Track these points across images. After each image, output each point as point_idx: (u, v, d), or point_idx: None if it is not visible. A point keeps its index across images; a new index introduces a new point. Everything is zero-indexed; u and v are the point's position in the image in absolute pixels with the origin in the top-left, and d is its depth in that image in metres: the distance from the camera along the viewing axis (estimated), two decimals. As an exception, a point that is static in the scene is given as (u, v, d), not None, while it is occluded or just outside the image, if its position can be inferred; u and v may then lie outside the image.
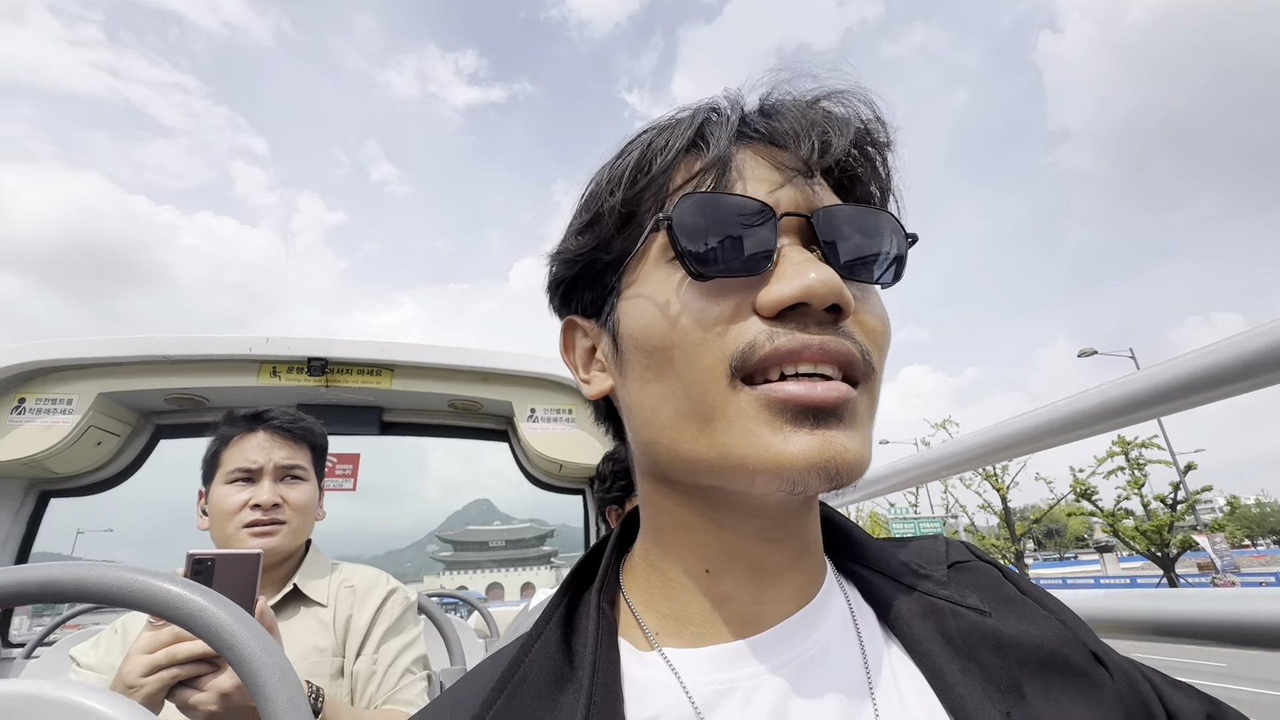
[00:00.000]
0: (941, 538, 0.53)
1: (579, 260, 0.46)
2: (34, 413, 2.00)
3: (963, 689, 0.38)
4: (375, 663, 1.22)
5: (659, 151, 0.42)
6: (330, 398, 2.28)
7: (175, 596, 0.59)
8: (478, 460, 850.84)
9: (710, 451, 0.37)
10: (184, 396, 2.21)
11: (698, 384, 0.37)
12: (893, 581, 0.45)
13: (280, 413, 1.34)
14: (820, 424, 0.36)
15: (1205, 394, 0.61)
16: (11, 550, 2.14)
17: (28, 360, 1.97)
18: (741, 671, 0.40)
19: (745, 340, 0.37)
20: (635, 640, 0.43)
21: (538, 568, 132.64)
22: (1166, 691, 0.42)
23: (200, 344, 2.13)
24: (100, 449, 2.17)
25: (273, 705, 0.55)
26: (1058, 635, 0.42)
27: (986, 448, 0.95)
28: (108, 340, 2.09)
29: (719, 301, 0.38)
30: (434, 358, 2.25)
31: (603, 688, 0.38)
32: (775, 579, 0.42)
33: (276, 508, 1.25)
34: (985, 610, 0.43)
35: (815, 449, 0.35)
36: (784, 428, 0.36)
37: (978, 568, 0.49)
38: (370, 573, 1.38)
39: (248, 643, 0.57)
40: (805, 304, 0.37)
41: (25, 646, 2.12)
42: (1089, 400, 0.74)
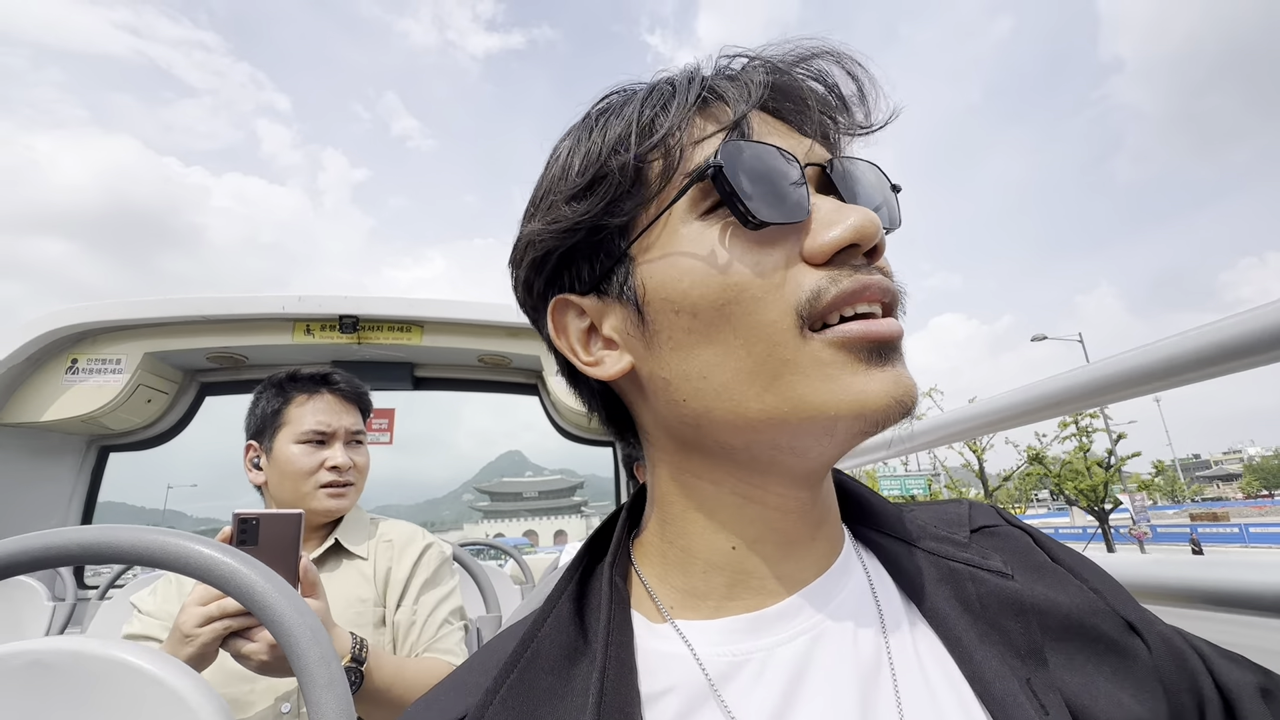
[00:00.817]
0: (965, 501, 0.51)
1: (578, 229, 0.42)
2: (86, 373, 2.10)
3: (981, 656, 0.37)
4: (415, 614, 1.27)
5: (662, 108, 0.40)
6: (363, 354, 2.33)
7: (208, 559, 0.62)
8: (509, 413, 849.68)
9: (782, 406, 0.36)
10: (224, 354, 2.29)
11: (763, 339, 0.36)
12: (910, 546, 0.44)
13: (344, 377, 1.38)
14: (889, 359, 0.36)
15: (1236, 362, 0.58)
16: (79, 501, 2.29)
17: (76, 322, 2.06)
18: (756, 642, 0.39)
19: (809, 287, 0.36)
20: (648, 613, 0.43)
21: (569, 516, 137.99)
22: (1217, 663, 0.41)
23: (236, 304, 2.19)
24: (151, 406, 2.28)
25: (305, 662, 0.57)
26: (1087, 604, 0.41)
27: (1014, 409, 0.93)
28: (150, 302, 2.16)
29: (770, 251, 0.37)
30: (463, 314, 2.27)
31: (616, 660, 0.38)
32: (799, 550, 0.42)
33: (350, 469, 1.31)
34: (1008, 573, 0.42)
35: (892, 382, 0.35)
36: (861, 368, 0.36)
37: (1008, 533, 0.48)
38: (407, 527, 1.42)
39: (279, 603, 0.60)
40: (855, 246, 0.37)
41: (99, 589, 2.28)
42: (1117, 366, 0.70)
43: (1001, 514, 0.50)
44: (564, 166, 0.43)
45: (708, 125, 0.40)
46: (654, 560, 0.45)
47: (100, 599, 2.20)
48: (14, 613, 1.99)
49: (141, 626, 1.17)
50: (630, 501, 0.50)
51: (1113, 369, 0.72)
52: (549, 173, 0.44)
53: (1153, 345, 0.68)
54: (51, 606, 2.00)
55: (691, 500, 0.43)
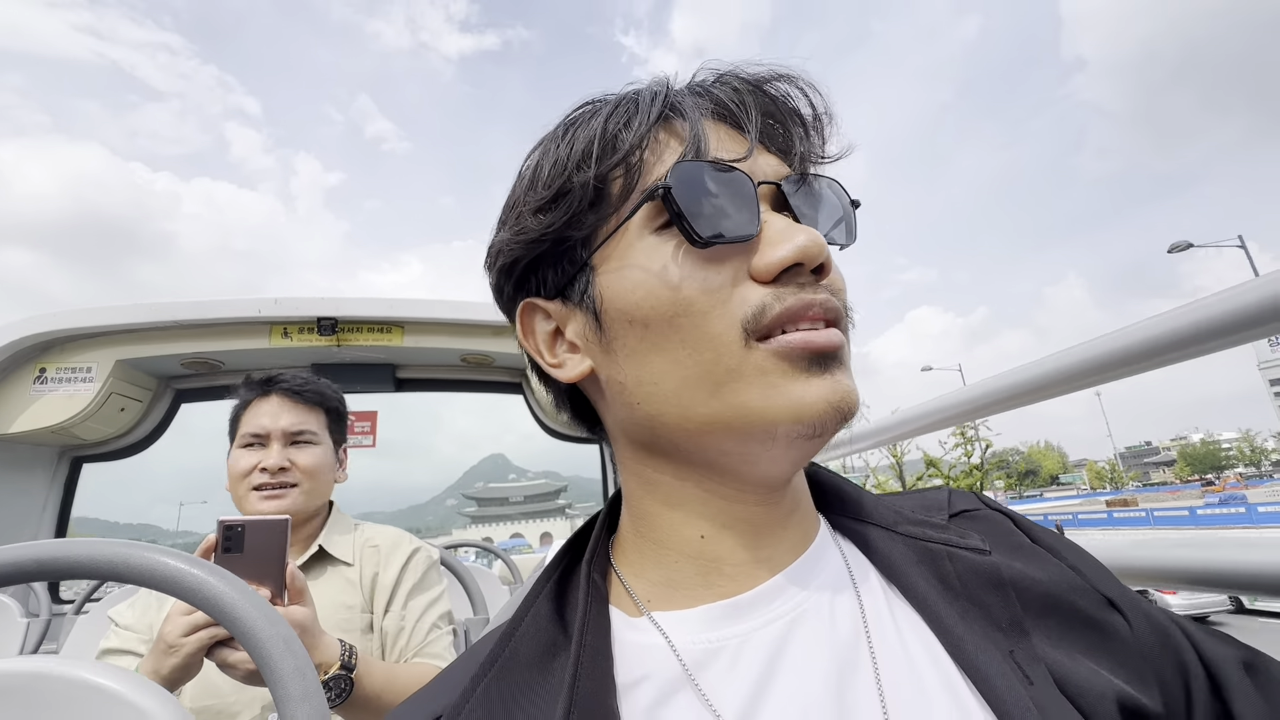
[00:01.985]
0: (946, 488, 0.52)
1: (544, 239, 0.44)
2: (55, 382, 2.04)
3: (962, 631, 0.38)
4: (403, 619, 1.26)
5: (625, 125, 0.42)
6: (343, 356, 2.30)
7: (173, 571, 0.59)
8: (491, 416, 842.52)
9: (726, 412, 0.38)
10: (200, 360, 2.24)
11: (709, 349, 0.38)
12: (887, 531, 0.45)
13: (291, 377, 1.35)
14: (828, 368, 0.38)
15: (1217, 341, 0.59)
16: (51, 513, 2.22)
17: (44, 330, 2.00)
18: (731, 630, 0.39)
19: (753, 303, 0.38)
20: (626, 608, 0.43)
21: (554, 519, 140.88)
22: (1201, 640, 0.42)
23: (211, 308, 2.14)
24: (124, 415, 2.22)
25: (279, 674, 0.55)
26: (1066, 580, 0.41)
27: (976, 402, 0.95)
28: (122, 308, 2.10)
29: (719, 268, 0.39)
30: (445, 313, 2.25)
31: (591, 650, 0.38)
32: (769, 538, 0.43)
33: (284, 471, 1.27)
34: (985, 549, 0.43)
35: (829, 389, 0.37)
36: (800, 375, 0.37)
37: (988, 516, 0.48)
38: (393, 532, 1.41)
39: (248, 614, 0.57)
40: (799, 265, 0.38)
41: (74, 604, 2.22)
42: (1080, 355, 0.72)
43: (981, 499, 0.51)
44: (532, 178, 0.45)
45: (669, 141, 0.42)
46: (630, 556, 0.46)
47: (76, 614, 2.14)
48: (-15, 631, 1.93)
49: (119, 641, 1.14)
50: (609, 503, 0.51)
51: (1066, 361, 0.75)
52: (519, 183, 0.46)
53: (1099, 339, 0.71)
54: (25, 623, 1.94)
55: (657, 494, 0.44)
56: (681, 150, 0.41)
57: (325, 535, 1.32)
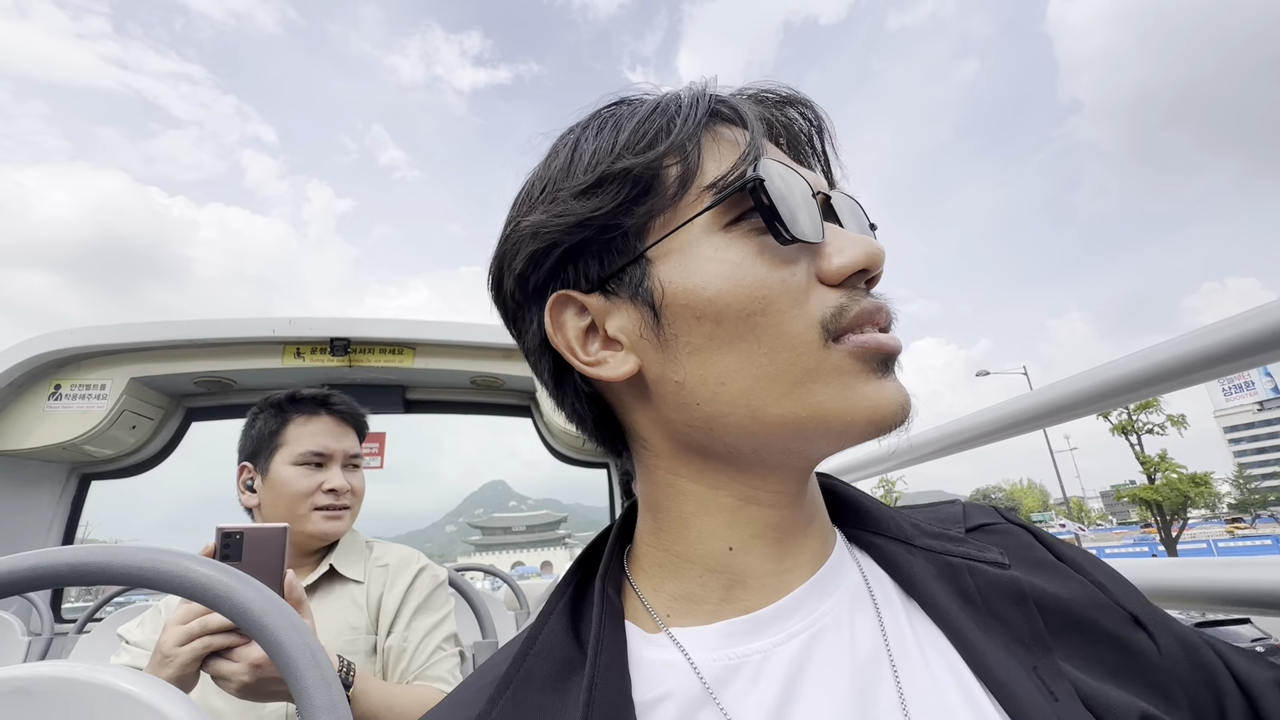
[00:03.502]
0: (960, 501, 0.52)
1: (588, 225, 0.41)
2: (70, 398, 2.06)
3: (984, 646, 0.37)
4: (406, 640, 1.24)
5: (676, 116, 0.41)
6: (354, 377, 2.31)
7: (202, 577, 0.59)
8: (493, 442, 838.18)
9: (801, 412, 0.38)
10: (212, 379, 2.26)
11: (788, 348, 0.38)
12: (905, 545, 0.44)
13: (339, 398, 1.37)
14: (890, 372, 0.39)
15: (1228, 365, 0.60)
16: (58, 531, 2.22)
17: (61, 348, 2.02)
18: (751, 645, 0.39)
19: (831, 304, 0.38)
20: (643, 623, 0.42)
21: (554, 548, 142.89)
22: (1235, 660, 0.41)
23: (225, 327, 2.17)
24: (136, 432, 2.23)
25: (304, 684, 0.54)
26: (1089, 597, 0.41)
27: (989, 426, 0.96)
28: (137, 326, 2.13)
29: (793, 268, 0.39)
30: (455, 335, 2.26)
31: (606, 669, 0.37)
32: (793, 546, 0.42)
33: (347, 493, 1.30)
34: (1005, 562, 0.42)
35: (898, 391, 0.39)
36: (875, 377, 0.38)
37: (1007, 530, 0.48)
38: (403, 551, 1.40)
39: (276, 622, 0.57)
40: (863, 271, 0.40)
41: (77, 622, 2.20)
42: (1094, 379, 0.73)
43: (1001, 513, 0.50)
44: (569, 162, 0.42)
45: (722, 142, 0.41)
46: (647, 569, 0.45)
47: (78, 632, 2.12)
48: (-13, 648, 1.91)
49: (130, 659, 1.13)
50: (622, 516, 0.50)
51: (1070, 389, 0.76)
52: (551, 165, 0.43)
53: (1094, 370, 0.72)
54: (27, 641, 1.92)
55: (687, 504, 0.42)
56: (740, 151, 0.40)
57: (336, 554, 1.31)
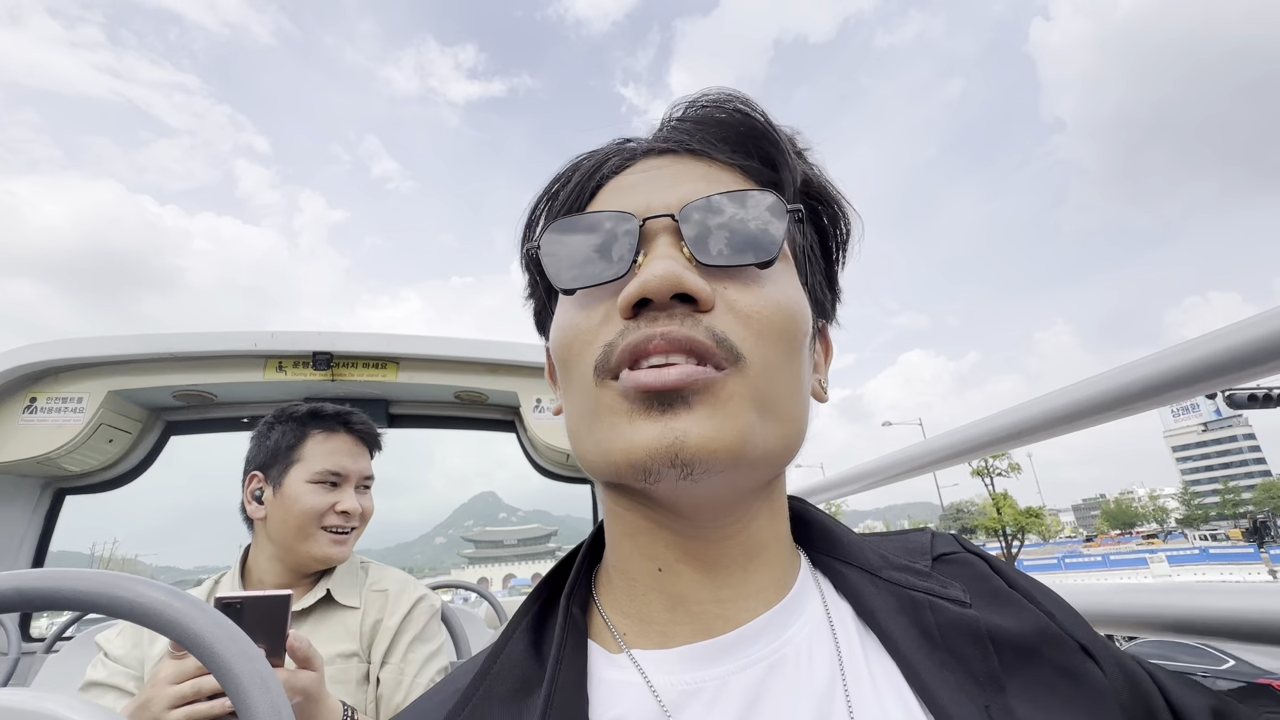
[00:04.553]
0: (929, 530, 0.52)
1: (530, 297, 0.54)
2: (45, 411, 2.03)
3: (938, 684, 0.37)
4: (402, 671, 1.22)
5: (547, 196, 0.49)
6: (337, 391, 2.29)
7: (154, 602, 0.56)
8: (482, 453, 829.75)
9: (594, 450, 0.39)
10: (192, 393, 2.23)
11: (580, 389, 0.40)
12: (870, 576, 0.44)
13: (357, 417, 1.34)
14: (666, 410, 0.36)
15: (1195, 387, 0.61)
16: (29, 547, 2.17)
17: (37, 360, 1.99)
18: (709, 672, 0.39)
19: (606, 341, 0.39)
20: (606, 643, 0.43)
21: (545, 560, 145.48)
22: (1171, 687, 0.41)
23: (206, 340, 2.14)
24: (112, 446, 2.20)
25: (253, 712, 0.53)
26: (1040, 629, 0.41)
27: (959, 446, 0.97)
28: (115, 339, 2.10)
29: (591, 311, 0.41)
30: (439, 350, 2.25)
31: (564, 688, 0.38)
32: (729, 577, 0.42)
33: (357, 516, 1.28)
34: (966, 601, 0.42)
35: (655, 436, 0.35)
36: (635, 416, 0.36)
37: (965, 559, 0.48)
38: (400, 577, 1.39)
39: (228, 649, 0.55)
40: (651, 299, 0.37)
41: (45, 641, 2.15)
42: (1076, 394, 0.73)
43: (959, 541, 0.51)
44: None
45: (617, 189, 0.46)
46: (607, 588, 0.46)
47: (47, 652, 2.07)
48: (-49, 668, 1.86)
49: (106, 674, 1.09)
50: (592, 534, 0.51)
51: (1045, 406, 0.76)
52: None
53: (1068, 388, 0.73)
54: (-7, 661, 1.88)
55: (619, 525, 0.44)
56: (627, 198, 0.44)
57: (334, 579, 1.28)
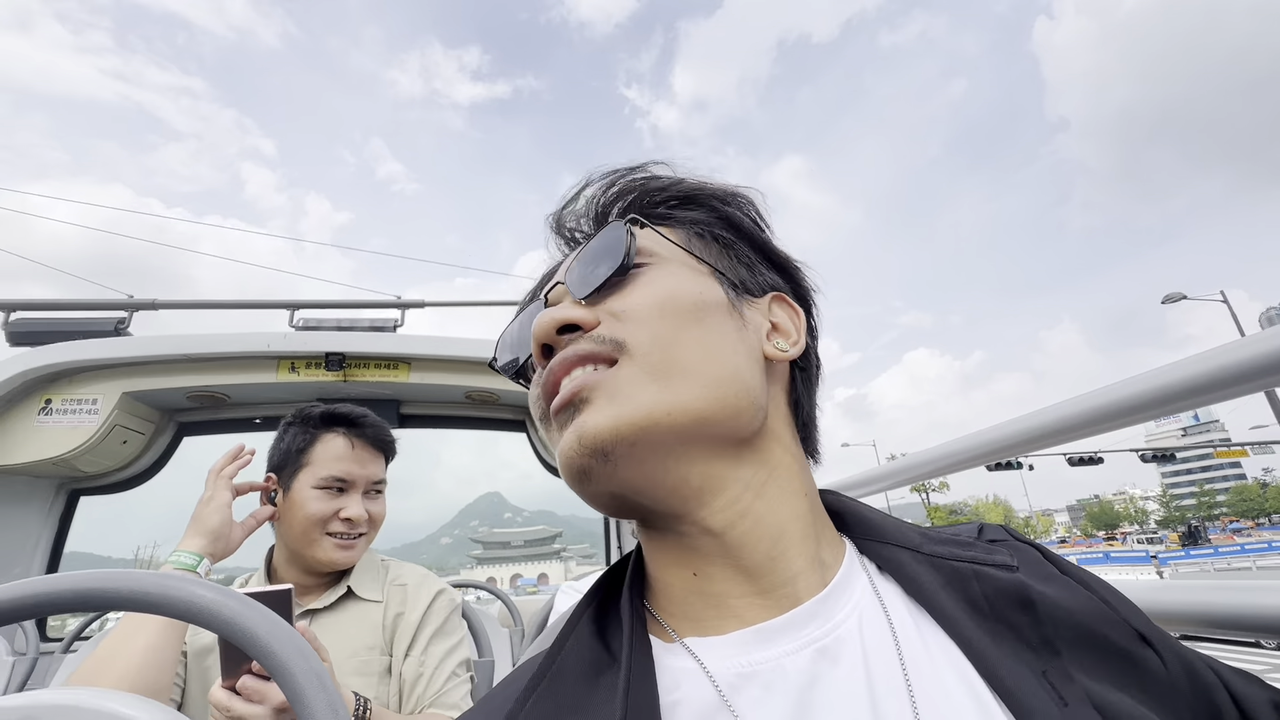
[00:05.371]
0: (977, 523, 0.53)
1: None
2: (60, 413, 2.04)
3: (993, 653, 0.38)
4: (423, 664, 1.23)
5: None
6: (349, 392, 2.29)
7: (208, 601, 0.57)
8: (488, 453, 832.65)
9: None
10: (205, 394, 2.24)
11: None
12: (913, 553, 0.45)
13: (371, 421, 1.33)
14: (570, 420, 0.43)
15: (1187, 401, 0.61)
16: (45, 548, 2.18)
17: (52, 362, 2.00)
18: (764, 654, 0.40)
19: (535, 393, 0.48)
20: (660, 635, 0.45)
21: (550, 561, 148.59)
22: (1233, 681, 0.41)
23: (219, 341, 2.15)
24: (126, 447, 2.21)
25: (311, 712, 0.53)
26: (1097, 611, 0.41)
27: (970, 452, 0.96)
28: (130, 341, 2.11)
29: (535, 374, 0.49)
30: (451, 350, 2.25)
31: (639, 669, 0.39)
32: (756, 566, 0.43)
33: (363, 522, 1.27)
34: (1013, 564, 0.43)
35: (569, 440, 0.42)
36: (558, 434, 0.44)
37: (1015, 546, 0.49)
38: (420, 572, 1.39)
39: (285, 649, 0.56)
40: (546, 344, 0.46)
41: (63, 642, 2.16)
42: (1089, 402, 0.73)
43: (1010, 531, 0.51)
44: None
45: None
46: (655, 590, 0.48)
47: (64, 652, 2.08)
48: (-32, 669, 1.87)
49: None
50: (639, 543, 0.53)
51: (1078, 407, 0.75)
52: None
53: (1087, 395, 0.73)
54: (11, 662, 1.88)
55: (645, 540, 0.48)
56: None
57: (355, 576, 1.29)
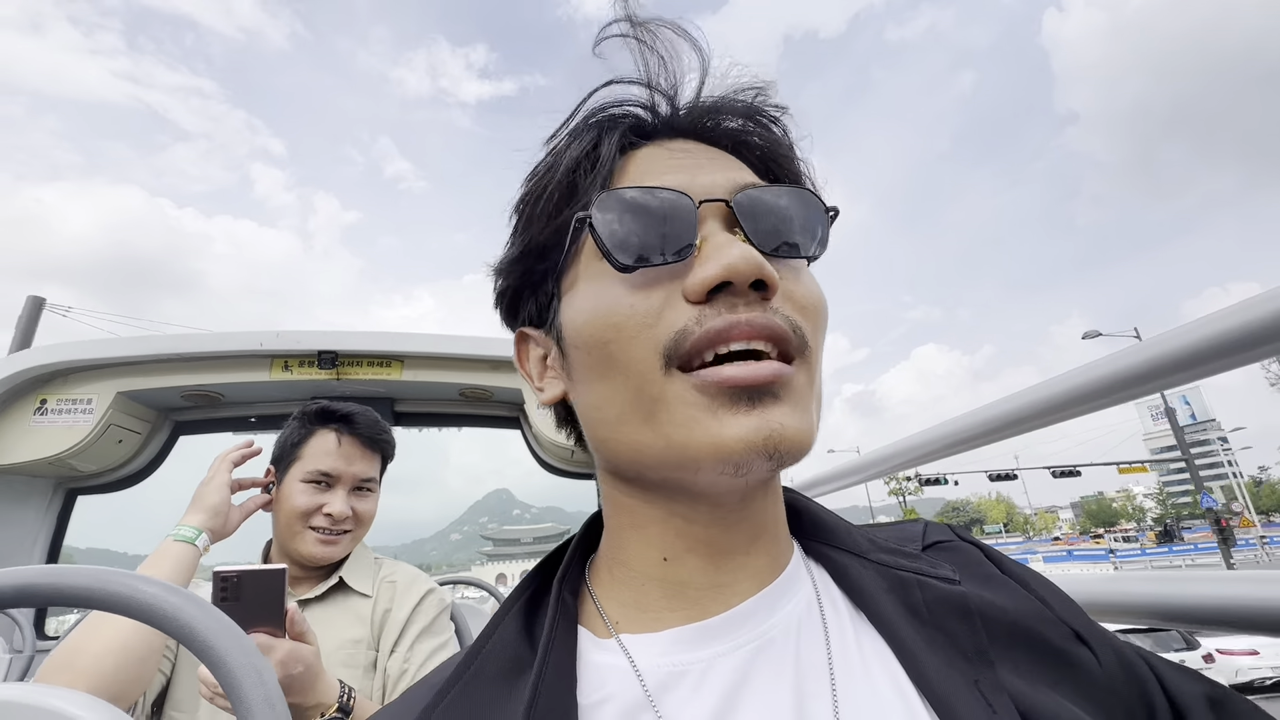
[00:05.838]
0: (922, 520, 0.53)
1: (514, 270, 0.48)
2: (55, 413, 2.05)
3: (927, 659, 0.37)
4: (407, 661, 1.23)
5: (565, 156, 0.44)
6: (342, 390, 2.30)
7: (149, 597, 0.57)
8: (496, 451, 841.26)
9: (657, 441, 0.38)
10: (200, 393, 2.25)
11: (636, 376, 0.38)
12: (860, 559, 0.45)
13: (363, 417, 1.34)
14: (757, 404, 0.36)
15: (1193, 370, 0.59)
16: (42, 547, 2.20)
17: (47, 362, 2.02)
18: (696, 654, 0.39)
19: (676, 327, 0.37)
20: (596, 629, 0.43)
21: None
22: (1167, 675, 0.42)
23: (213, 340, 2.16)
24: (122, 447, 2.22)
25: (248, 705, 0.53)
26: (1034, 611, 0.41)
27: (966, 432, 0.94)
28: (124, 340, 2.12)
29: (649, 293, 0.38)
30: (443, 347, 2.25)
31: (554, 669, 0.38)
32: (731, 561, 0.42)
33: (346, 519, 1.27)
34: (955, 579, 0.43)
35: (752, 429, 0.35)
36: (720, 411, 0.36)
37: (959, 547, 0.49)
38: (410, 570, 1.40)
39: (223, 643, 0.55)
40: (730, 283, 0.37)
41: (59, 638, 2.18)
42: (1082, 377, 0.72)
43: (955, 530, 0.51)
44: (513, 213, 0.48)
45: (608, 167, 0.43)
46: (603, 577, 0.46)
47: (61, 650, 2.10)
48: (-33, 667, 1.89)
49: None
50: (586, 524, 0.51)
51: (1064, 385, 0.74)
52: (512, 212, 0.49)
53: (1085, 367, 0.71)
54: (8, 659, 1.90)
55: (625, 515, 0.44)
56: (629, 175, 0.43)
57: (347, 568, 1.31)
